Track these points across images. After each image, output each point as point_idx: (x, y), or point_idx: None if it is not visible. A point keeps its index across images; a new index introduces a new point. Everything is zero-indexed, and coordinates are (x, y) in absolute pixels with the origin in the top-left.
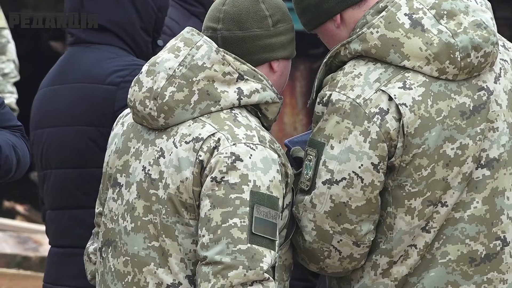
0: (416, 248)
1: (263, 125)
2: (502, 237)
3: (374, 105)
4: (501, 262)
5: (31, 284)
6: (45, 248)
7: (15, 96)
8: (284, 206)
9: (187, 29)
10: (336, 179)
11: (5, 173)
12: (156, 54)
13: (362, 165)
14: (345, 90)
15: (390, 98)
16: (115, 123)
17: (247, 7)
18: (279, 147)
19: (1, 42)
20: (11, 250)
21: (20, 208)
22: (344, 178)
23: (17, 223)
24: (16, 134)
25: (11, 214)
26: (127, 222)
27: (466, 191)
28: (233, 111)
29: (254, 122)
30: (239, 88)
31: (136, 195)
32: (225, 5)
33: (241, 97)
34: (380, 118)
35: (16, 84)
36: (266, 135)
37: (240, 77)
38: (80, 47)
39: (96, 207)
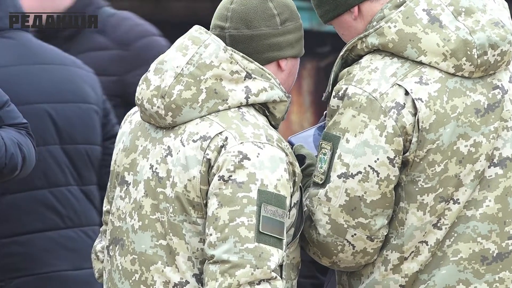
0: (427, 245)
1: (270, 124)
2: None
3: (391, 99)
4: None
5: None
6: None
7: None
8: (292, 205)
9: (195, 27)
10: (352, 173)
11: (10, 171)
12: None
13: (378, 159)
14: (362, 84)
15: (407, 93)
16: (123, 121)
17: (255, 5)
18: (286, 146)
19: None
20: None
21: None
22: (360, 172)
23: None
24: (21, 132)
25: None
26: (134, 220)
27: (479, 189)
28: (240, 110)
29: (261, 120)
30: (246, 87)
31: (144, 193)
32: (233, 3)
33: (249, 95)
34: (396, 112)
35: None
36: (274, 133)
37: (248, 76)
38: None
39: (104, 205)
